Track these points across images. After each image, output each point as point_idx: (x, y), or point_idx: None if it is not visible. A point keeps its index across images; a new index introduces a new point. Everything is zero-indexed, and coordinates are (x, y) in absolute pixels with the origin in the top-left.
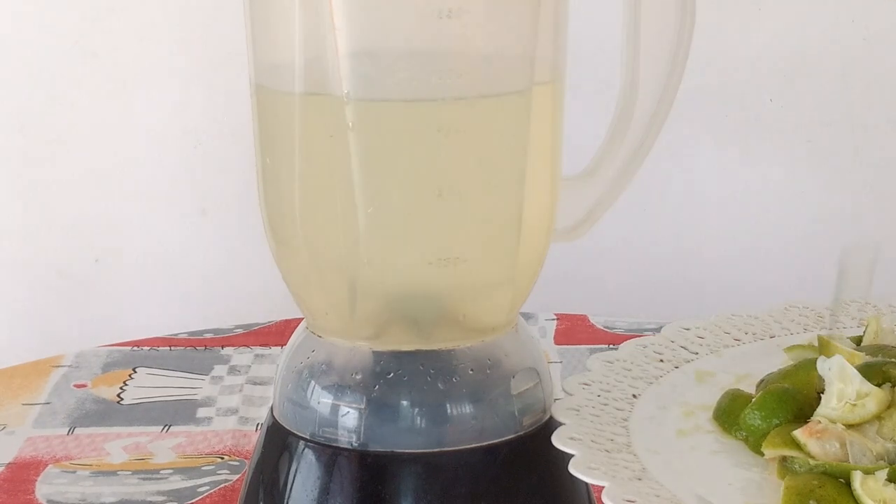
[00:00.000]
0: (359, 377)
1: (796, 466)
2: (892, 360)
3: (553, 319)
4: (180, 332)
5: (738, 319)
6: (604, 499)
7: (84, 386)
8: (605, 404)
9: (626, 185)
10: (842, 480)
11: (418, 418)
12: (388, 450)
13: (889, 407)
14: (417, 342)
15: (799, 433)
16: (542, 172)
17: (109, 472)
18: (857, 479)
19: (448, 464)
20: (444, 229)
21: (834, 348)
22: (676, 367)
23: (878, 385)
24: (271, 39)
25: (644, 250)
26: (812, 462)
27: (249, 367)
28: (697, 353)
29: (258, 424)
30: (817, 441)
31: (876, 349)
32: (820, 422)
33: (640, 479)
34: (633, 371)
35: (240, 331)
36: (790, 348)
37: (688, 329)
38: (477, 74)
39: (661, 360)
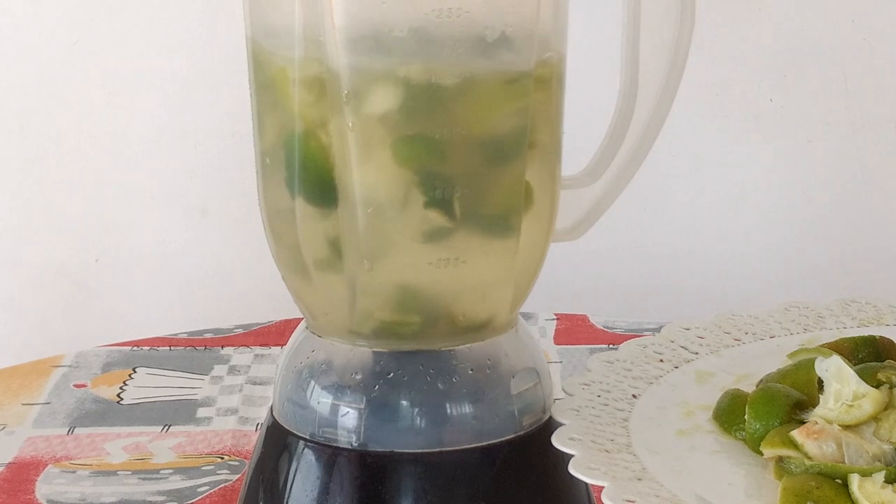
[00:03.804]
0: (359, 377)
1: (792, 467)
2: (890, 361)
3: (553, 319)
4: (180, 332)
5: (738, 319)
6: (604, 499)
7: (84, 386)
8: (606, 404)
9: (625, 184)
10: (839, 481)
11: (418, 418)
12: (388, 450)
13: (886, 408)
14: (417, 342)
15: (796, 433)
16: (542, 171)
17: (109, 472)
18: (855, 482)
19: (448, 464)
20: (444, 229)
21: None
22: (676, 367)
23: (876, 386)
24: (269, 7)
25: (644, 250)
26: (808, 463)
27: (249, 367)
28: (697, 353)
29: (258, 424)
30: (814, 442)
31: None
32: (817, 422)
33: (640, 480)
34: (633, 371)
35: (240, 331)
36: (794, 353)
37: (688, 329)
38: (477, 57)
39: (661, 360)
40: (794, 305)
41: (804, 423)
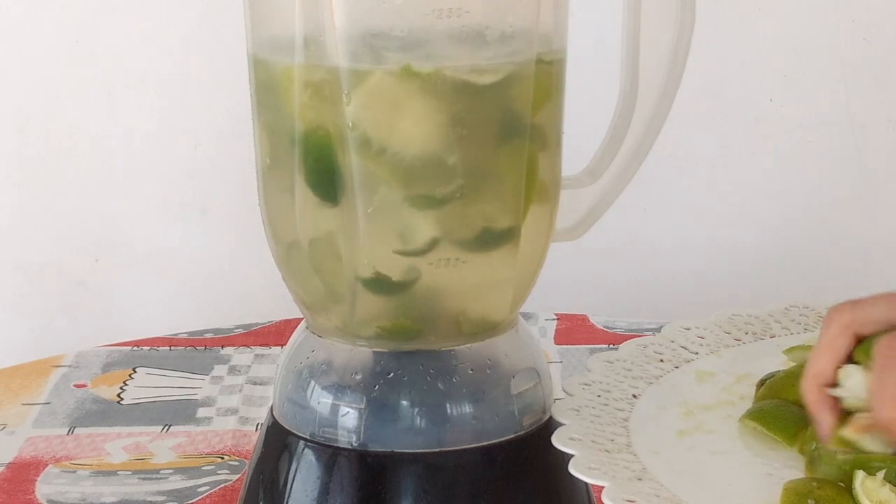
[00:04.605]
0: (359, 377)
1: (824, 465)
2: None
3: (553, 319)
4: (180, 332)
5: (738, 319)
6: (604, 499)
7: (84, 386)
8: (606, 404)
9: (625, 184)
10: (841, 484)
11: (418, 418)
12: (388, 450)
13: None
14: (418, 342)
15: (849, 432)
16: (542, 171)
17: (109, 472)
18: (859, 478)
19: (448, 464)
20: (445, 229)
21: None
22: (676, 367)
23: None
24: (270, 11)
25: (644, 250)
26: (841, 458)
27: (249, 367)
28: (697, 353)
29: (258, 424)
30: (869, 436)
31: None
32: (864, 417)
33: (640, 479)
34: (634, 371)
35: (240, 331)
36: (790, 350)
37: (688, 329)
38: (477, 57)
39: (662, 360)
40: (794, 305)
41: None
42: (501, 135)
